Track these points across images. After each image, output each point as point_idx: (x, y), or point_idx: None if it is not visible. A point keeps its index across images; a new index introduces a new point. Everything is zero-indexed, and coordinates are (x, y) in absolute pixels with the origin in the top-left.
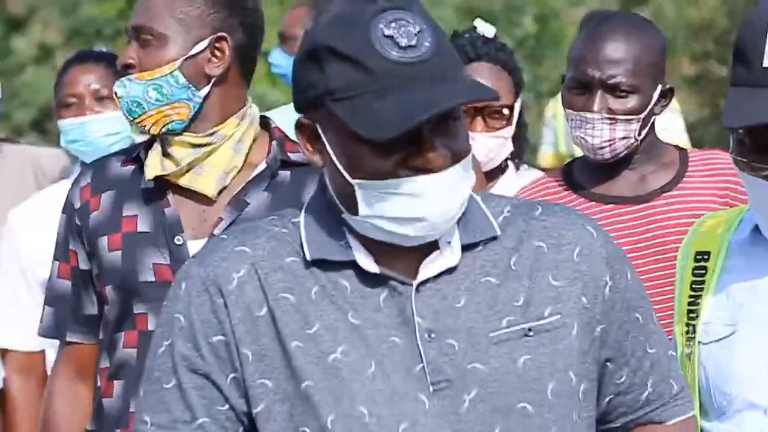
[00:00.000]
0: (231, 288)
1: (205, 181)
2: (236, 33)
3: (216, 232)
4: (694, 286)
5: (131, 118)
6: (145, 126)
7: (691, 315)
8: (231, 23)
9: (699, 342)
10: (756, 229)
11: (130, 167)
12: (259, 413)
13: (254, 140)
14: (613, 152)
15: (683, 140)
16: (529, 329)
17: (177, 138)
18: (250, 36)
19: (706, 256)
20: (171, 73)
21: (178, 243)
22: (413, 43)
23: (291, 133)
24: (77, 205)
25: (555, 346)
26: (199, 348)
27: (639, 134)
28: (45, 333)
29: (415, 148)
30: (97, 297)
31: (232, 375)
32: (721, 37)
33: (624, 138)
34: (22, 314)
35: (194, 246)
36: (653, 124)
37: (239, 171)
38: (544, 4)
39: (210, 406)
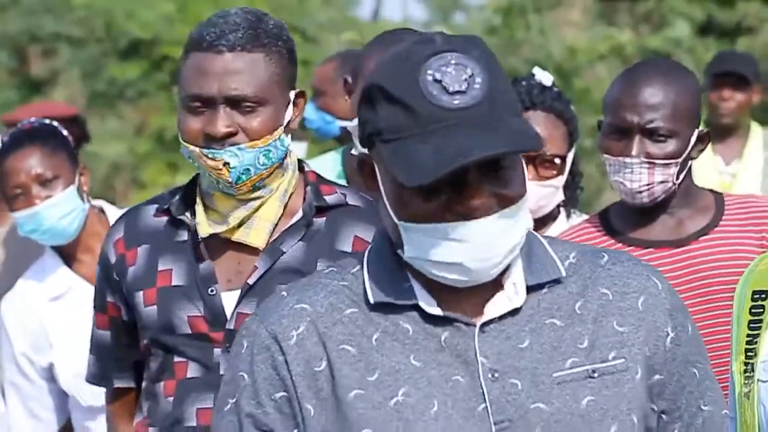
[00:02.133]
0: (291, 344)
1: (256, 235)
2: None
3: (250, 281)
4: (752, 324)
5: (234, 184)
6: (240, 190)
7: (749, 354)
8: (295, 75)
9: (758, 380)
10: None
11: (163, 219)
12: None
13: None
14: (651, 196)
15: None
16: (593, 371)
17: (220, 194)
18: None
19: (763, 295)
20: (279, 137)
21: (211, 294)
22: (462, 88)
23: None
24: (113, 259)
25: (619, 389)
26: (263, 405)
27: (677, 178)
28: (92, 380)
29: (459, 193)
30: (138, 346)
31: (295, 431)
32: None
33: (662, 182)
34: (28, 404)
35: (228, 297)
36: (690, 168)
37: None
38: (567, 62)
39: None
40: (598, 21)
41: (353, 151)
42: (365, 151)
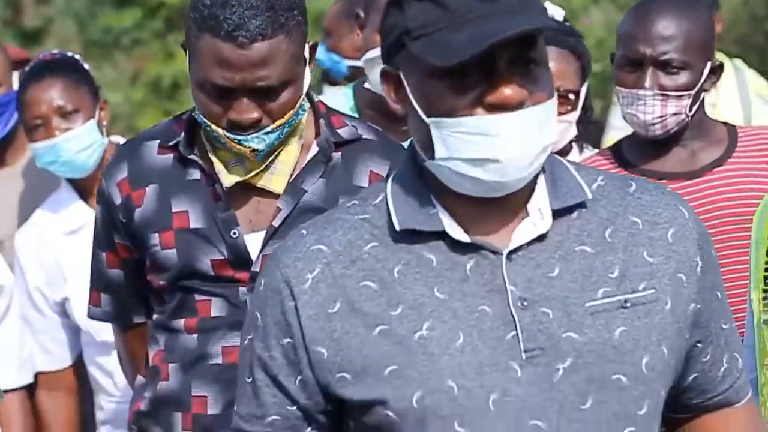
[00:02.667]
0: (305, 288)
1: (278, 181)
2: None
3: (275, 223)
4: None
5: (259, 161)
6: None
7: None
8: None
9: None
10: None
11: (169, 156)
12: (347, 401)
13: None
14: (664, 128)
15: None
16: (626, 301)
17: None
18: None
19: None
20: (301, 105)
21: (234, 236)
22: None
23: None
24: (117, 200)
25: (650, 320)
26: (270, 349)
27: (690, 110)
28: (109, 318)
29: (490, 84)
30: (147, 282)
31: (299, 377)
32: (741, 40)
33: (675, 114)
34: (39, 338)
35: (252, 239)
36: (702, 100)
37: None
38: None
39: (280, 405)
40: None
41: (366, 85)
42: (387, 67)
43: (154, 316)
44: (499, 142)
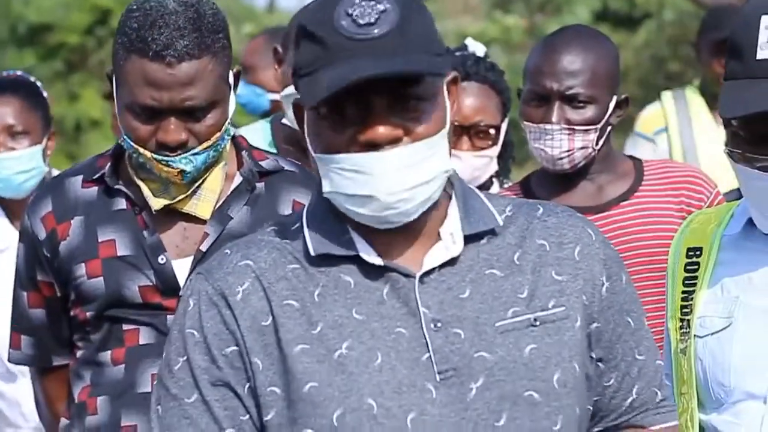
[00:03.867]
0: (237, 300)
1: (204, 206)
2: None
3: (203, 248)
4: (686, 282)
5: (186, 184)
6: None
7: (685, 310)
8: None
9: (695, 336)
10: (749, 222)
11: (94, 189)
12: (269, 421)
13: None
14: (571, 162)
15: None
16: (535, 319)
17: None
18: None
19: (698, 252)
20: (226, 130)
21: (161, 262)
22: (372, 20)
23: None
24: (42, 236)
25: (560, 337)
26: (215, 360)
27: (596, 144)
28: (30, 362)
29: (363, 123)
30: (70, 319)
31: (247, 384)
32: (642, 82)
33: (582, 148)
34: None
35: (180, 264)
36: (609, 134)
37: None
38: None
39: (234, 416)
40: (494, 9)
41: (284, 120)
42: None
43: (79, 353)
44: (374, 179)
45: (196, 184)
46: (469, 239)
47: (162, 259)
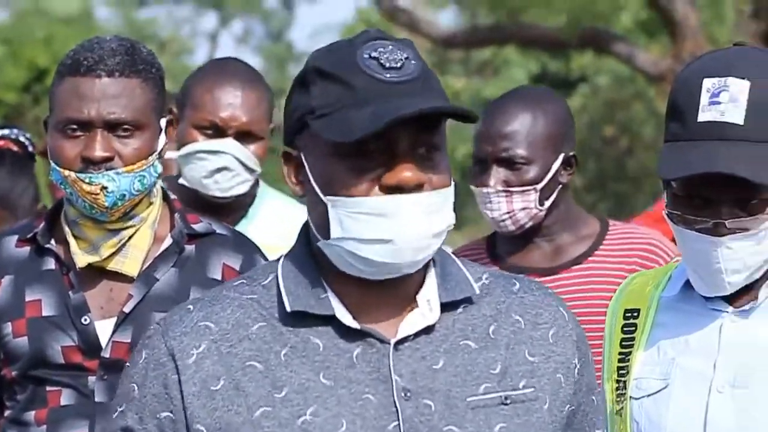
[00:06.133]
0: (188, 363)
1: (131, 264)
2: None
3: (126, 309)
4: (624, 343)
5: (110, 209)
6: (113, 215)
7: (622, 371)
8: (165, 103)
9: (630, 397)
10: (687, 284)
11: (26, 248)
12: None
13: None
14: (516, 224)
15: None
16: (506, 398)
17: (90, 222)
18: None
19: (635, 314)
20: (153, 163)
21: (85, 323)
22: (397, 65)
23: None
24: None
25: (528, 418)
26: (144, 423)
27: (541, 204)
28: None
29: (390, 167)
30: (1, 377)
31: None
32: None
33: (524, 209)
34: None
35: (102, 326)
36: (565, 194)
37: None
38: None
39: None
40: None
41: (181, 181)
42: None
43: (7, 413)
44: (394, 223)
45: (123, 241)
46: (445, 307)
47: (85, 319)
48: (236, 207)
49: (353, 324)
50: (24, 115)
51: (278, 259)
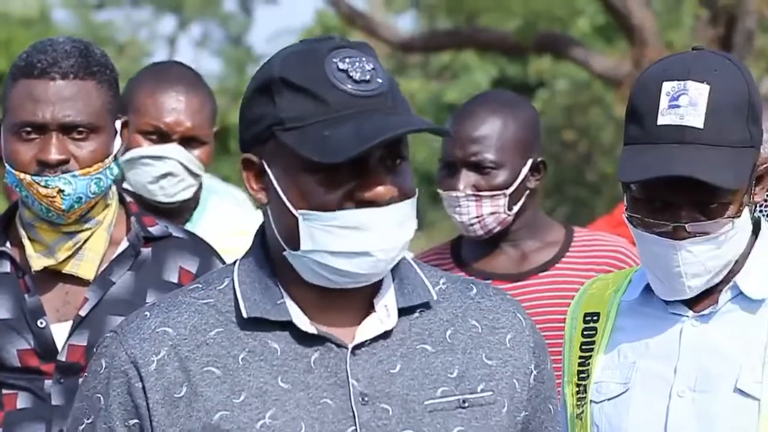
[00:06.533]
0: (150, 370)
1: (87, 267)
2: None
3: (82, 313)
4: (584, 346)
5: (66, 212)
6: (69, 218)
7: (582, 375)
8: (119, 104)
9: (591, 401)
10: (647, 288)
11: None
12: None
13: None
14: (484, 228)
15: None
16: (464, 401)
17: (46, 225)
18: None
19: (595, 317)
20: (109, 166)
21: (41, 326)
22: (367, 78)
23: None
24: None
25: (486, 421)
26: (114, 431)
27: (510, 209)
28: None
29: (362, 181)
30: None
31: None
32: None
33: (493, 213)
34: None
35: (59, 329)
36: (533, 200)
37: None
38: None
39: None
40: (393, 74)
41: (125, 185)
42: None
43: None
44: (370, 235)
45: (78, 244)
46: (402, 311)
47: (41, 322)
48: (181, 211)
49: (310, 329)
50: None
51: (233, 263)
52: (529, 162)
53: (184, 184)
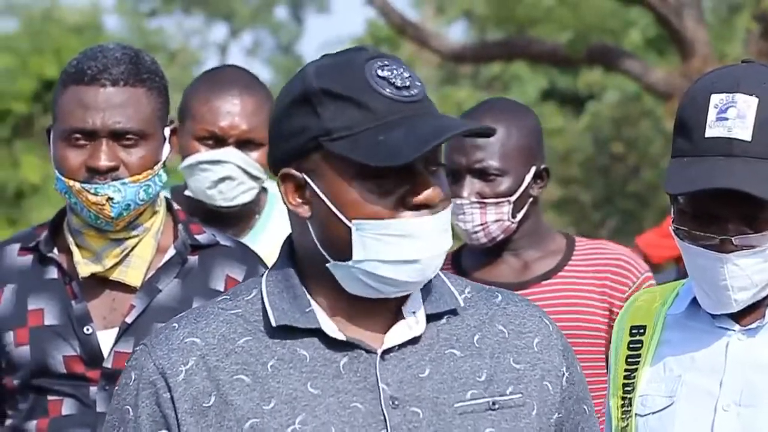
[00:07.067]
0: (179, 380)
1: (134, 274)
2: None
3: (128, 320)
4: (629, 360)
5: (115, 219)
6: (118, 225)
7: (627, 388)
8: (168, 112)
9: (636, 414)
10: (694, 302)
11: (29, 257)
12: None
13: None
14: (488, 236)
15: None
16: (493, 403)
17: (93, 232)
18: None
19: (642, 330)
20: (158, 173)
21: (87, 333)
22: (407, 84)
23: None
24: None
25: (516, 423)
26: None
27: (513, 216)
28: None
29: (412, 186)
30: (2, 385)
31: None
32: (585, 163)
33: (497, 221)
34: None
35: (105, 336)
36: (535, 208)
37: None
38: None
39: None
40: (441, 85)
41: (186, 192)
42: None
43: (8, 422)
44: (422, 243)
45: (126, 251)
46: (429, 318)
47: (88, 329)
48: (244, 216)
49: (339, 335)
50: (34, 126)
51: (262, 275)
52: (533, 169)
53: (243, 188)
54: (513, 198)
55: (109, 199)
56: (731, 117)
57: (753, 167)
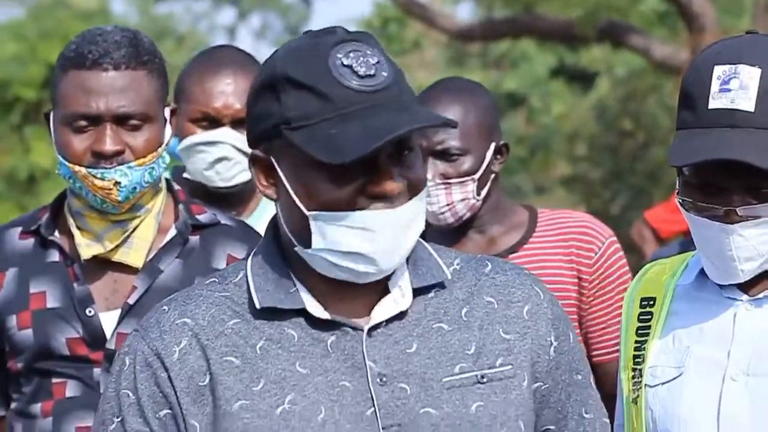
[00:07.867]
0: (174, 360)
1: (136, 255)
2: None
3: (131, 301)
4: (639, 331)
5: (122, 203)
6: (123, 207)
7: (637, 360)
8: (168, 93)
9: (645, 385)
10: (702, 273)
11: (30, 240)
12: None
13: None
14: (455, 216)
15: None
16: (482, 376)
17: (95, 214)
18: None
19: (651, 302)
20: (162, 155)
21: (89, 315)
22: (372, 72)
23: None
24: None
25: (507, 395)
26: (149, 423)
27: (478, 194)
28: None
29: (372, 177)
30: (5, 371)
31: None
32: (593, 141)
33: (463, 200)
34: None
35: (107, 317)
36: (497, 184)
37: None
38: None
39: None
40: (449, 64)
41: (185, 175)
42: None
43: (13, 405)
44: (377, 237)
45: (128, 232)
46: (416, 292)
47: (90, 311)
48: (246, 196)
49: (324, 315)
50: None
51: (247, 257)
52: (492, 146)
53: (240, 167)
54: (476, 176)
55: (117, 183)
56: (734, 88)
57: (756, 138)
